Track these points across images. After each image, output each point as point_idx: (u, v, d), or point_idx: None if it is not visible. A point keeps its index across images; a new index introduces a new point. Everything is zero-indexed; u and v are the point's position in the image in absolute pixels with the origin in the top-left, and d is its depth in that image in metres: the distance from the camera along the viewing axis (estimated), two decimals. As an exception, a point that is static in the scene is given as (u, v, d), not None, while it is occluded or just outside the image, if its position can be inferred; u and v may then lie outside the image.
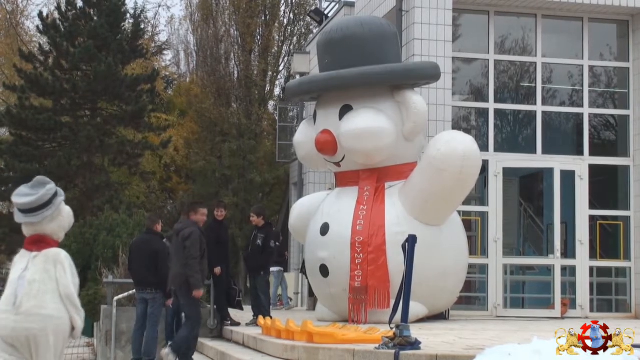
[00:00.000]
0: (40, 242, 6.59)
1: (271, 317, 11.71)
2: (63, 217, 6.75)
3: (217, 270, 12.91)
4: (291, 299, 22.80)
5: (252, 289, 13.80)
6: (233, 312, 13.85)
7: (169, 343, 11.23)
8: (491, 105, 16.50)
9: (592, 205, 16.37)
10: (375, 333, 9.13)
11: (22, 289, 6.42)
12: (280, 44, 38.46)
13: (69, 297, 6.46)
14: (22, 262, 6.57)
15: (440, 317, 13.89)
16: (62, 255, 6.55)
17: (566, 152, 16.80)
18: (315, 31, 29.73)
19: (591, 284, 16.22)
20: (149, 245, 12.06)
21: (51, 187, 6.73)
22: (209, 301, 13.50)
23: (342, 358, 8.27)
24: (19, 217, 6.67)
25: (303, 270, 20.24)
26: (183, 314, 11.61)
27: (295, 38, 38.69)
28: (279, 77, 39.10)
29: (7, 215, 34.83)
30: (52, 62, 32.93)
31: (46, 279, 6.43)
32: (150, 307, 11.96)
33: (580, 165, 16.25)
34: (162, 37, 54.52)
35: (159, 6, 63.62)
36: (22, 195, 6.68)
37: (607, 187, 17.10)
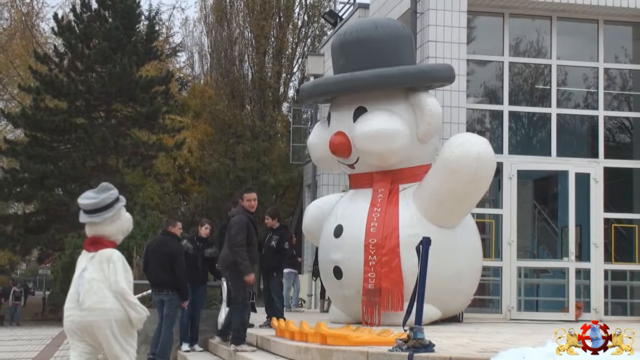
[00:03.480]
0: (97, 243, 7.22)
1: (284, 319, 11.71)
2: (122, 220, 7.36)
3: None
4: (304, 301, 22.81)
5: (265, 291, 13.81)
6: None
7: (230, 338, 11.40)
8: (505, 108, 16.46)
9: (607, 208, 16.30)
10: (389, 335, 9.12)
11: (82, 287, 7.06)
12: (294, 46, 38.51)
13: (120, 292, 7.02)
14: (82, 262, 7.22)
15: (453, 319, 13.85)
16: (115, 255, 7.14)
17: (581, 154, 16.75)
18: (329, 33, 29.76)
19: (606, 287, 16.16)
20: (165, 246, 12.07)
21: (114, 192, 7.32)
22: (221, 301, 13.49)
23: (356, 360, 8.26)
24: (82, 217, 7.30)
25: (314, 273, 20.23)
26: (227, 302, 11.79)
27: (309, 40, 38.75)
28: (292, 78, 39.18)
29: (22, 216, 35.03)
30: (67, 64, 33.10)
31: (103, 277, 7.05)
32: (166, 308, 11.98)
33: (595, 167, 16.19)
34: (177, 39, 54.72)
35: (174, 8, 63.93)
36: (87, 198, 7.29)
37: (622, 189, 17.02)
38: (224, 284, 13.07)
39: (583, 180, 16.07)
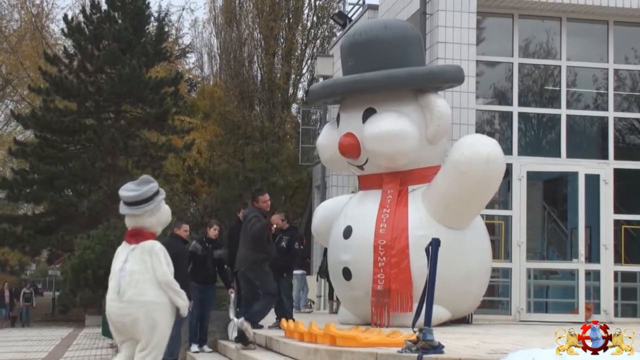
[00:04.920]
0: (137, 235, 7.36)
1: (293, 320, 11.70)
2: (161, 213, 7.50)
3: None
4: (313, 302, 22.80)
5: (274, 292, 13.81)
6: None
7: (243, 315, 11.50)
8: (515, 109, 16.43)
9: (617, 210, 16.25)
10: (398, 336, 9.10)
11: (123, 279, 7.17)
12: (303, 47, 38.55)
13: (167, 284, 7.20)
14: (123, 254, 7.34)
15: (463, 321, 13.82)
16: (157, 247, 7.33)
17: (591, 155, 16.69)
18: (338, 34, 29.74)
19: (615, 289, 16.10)
20: (169, 248, 12.10)
21: (154, 185, 7.43)
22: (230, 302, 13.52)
23: (365, 361, 8.25)
24: (123, 209, 7.41)
25: (321, 274, 20.21)
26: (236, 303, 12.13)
27: (318, 41, 38.79)
28: (302, 80, 39.23)
29: (32, 216, 35.14)
30: (76, 65, 33.22)
31: (144, 269, 7.19)
32: (172, 308, 12.01)
33: (605, 169, 16.14)
34: (186, 40, 54.85)
35: (183, 9, 64.11)
36: (128, 190, 7.38)
37: (632, 191, 16.97)
38: (232, 295, 13.11)
39: (593, 181, 16.02)
